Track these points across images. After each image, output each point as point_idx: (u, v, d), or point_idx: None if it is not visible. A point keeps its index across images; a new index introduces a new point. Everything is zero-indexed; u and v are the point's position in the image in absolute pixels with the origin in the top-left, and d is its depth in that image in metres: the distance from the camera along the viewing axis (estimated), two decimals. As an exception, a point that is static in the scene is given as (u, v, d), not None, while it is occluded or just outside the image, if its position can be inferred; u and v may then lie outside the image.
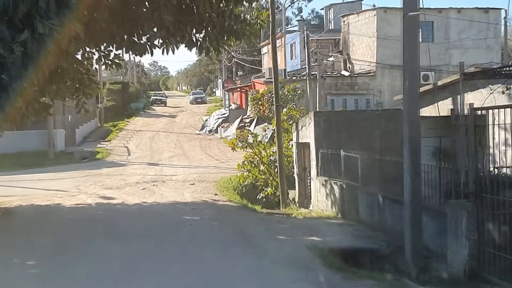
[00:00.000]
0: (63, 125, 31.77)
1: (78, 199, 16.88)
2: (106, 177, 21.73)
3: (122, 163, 26.55)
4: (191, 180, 20.24)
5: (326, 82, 32.24)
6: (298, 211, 16.26)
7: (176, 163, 25.91)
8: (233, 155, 27.86)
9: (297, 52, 43.38)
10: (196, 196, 16.88)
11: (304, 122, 16.24)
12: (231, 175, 21.08)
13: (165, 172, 22.97)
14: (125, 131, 43.13)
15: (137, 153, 30.51)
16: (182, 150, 31.18)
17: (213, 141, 35.41)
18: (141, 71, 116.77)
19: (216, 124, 40.61)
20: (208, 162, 26.13)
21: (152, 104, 71.37)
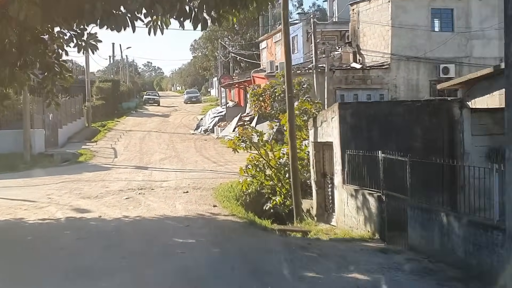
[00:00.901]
0: (43, 124, 28.50)
1: (46, 212, 13.73)
2: (85, 183, 18.51)
3: (107, 167, 23.32)
4: (184, 187, 17.07)
5: (335, 75, 29.16)
6: (317, 227, 13.16)
7: (168, 167, 22.71)
8: (232, 157, 24.68)
9: (299, 46, 40.25)
10: (191, 208, 13.69)
11: (324, 116, 13.10)
12: (231, 181, 17.95)
13: (155, 177, 19.79)
14: (114, 131, 39.89)
15: (125, 155, 27.28)
16: (175, 152, 27.98)
17: (209, 142, 32.22)
18: (134, 71, 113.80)
19: (212, 123, 37.44)
20: (204, 165, 22.94)
21: (144, 104, 68.35)
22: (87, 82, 41.97)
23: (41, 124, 28.09)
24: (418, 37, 29.14)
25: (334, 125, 12.42)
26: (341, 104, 12.38)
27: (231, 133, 30.90)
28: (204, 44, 66.25)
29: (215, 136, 34.55)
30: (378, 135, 12.22)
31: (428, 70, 29.51)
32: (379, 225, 10.71)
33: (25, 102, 25.11)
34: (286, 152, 15.85)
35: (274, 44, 46.25)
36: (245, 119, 31.62)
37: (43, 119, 28.52)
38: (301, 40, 40.16)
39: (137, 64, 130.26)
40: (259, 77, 32.54)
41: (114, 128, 41.55)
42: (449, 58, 29.31)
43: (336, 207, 12.64)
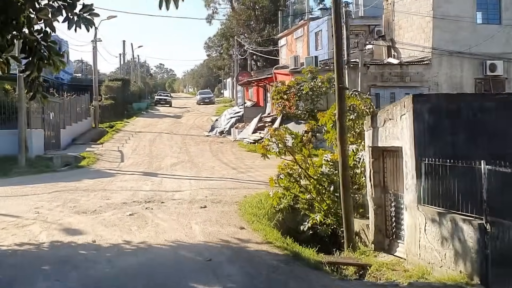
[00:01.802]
0: (43, 124, 25.62)
1: (28, 232, 10.82)
2: (83, 193, 15.52)
3: (111, 173, 20.33)
4: (201, 200, 14.01)
5: (370, 71, 26.03)
6: (377, 259, 10.04)
7: (181, 173, 19.67)
8: (254, 162, 21.71)
9: (323, 41, 37.10)
10: (211, 230, 10.63)
11: (389, 113, 9.96)
12: (257, 193, 14.89)
13: (166, 186, 16.76)
14: (123, 132, 37.04)
15: (132, 159, 24.30)
16: (188, 156, 24.96)
17: (226, 145, 29.18)
18: (146, 71, 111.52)
19: (228, 124, 34.43)
20: (223, 171, 19.87)
21: (156, 104, 65.72)
22: (94, 79, 39.19)
23: (40, 124, 25.21)
24: (462, 29, 25.91)
25: (405, 124, 9.30)
26: (416, 96, 9.28)
27: (250, 136, 27.91)
28: (219, 42, 63.27)
29: (232, 138, 31.55)
30: (464, 138, 9.10)
31: (473, 67, 26.29)
32: (479, 265, 7.59)
33: (21, 97, 22.20)
34: (330, 159, 12.73)
35: (294, 40, 43.23)
36: (266, 120, 28.56)
37: (42, 118, 25.63)
38: (325, 35, 37.04)
39: (149, 65, 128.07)
40: (282, 73, 29.49)
41: (123, 129, 38.71)
42: (496, 54, 26.08)
43: (406, 234, 9.50)
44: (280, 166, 13.74)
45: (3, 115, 24.88)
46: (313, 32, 39.28)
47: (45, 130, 25.61)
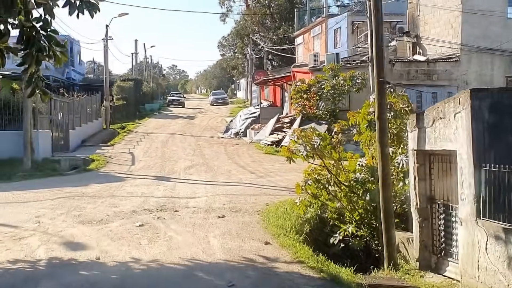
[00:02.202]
0: (50, 125, 24.46)
1: (25, 246, 9.59)
2: (89, 200, 14.26)
3: (120, 176, 19.09)
4: (219, 208, 12.69)
5: (395, 69, 24.59)
6: (424, 279, 8.65)
7: (195, 178, 18.36)
8: (274, 166, 20.39)
9: (342, 39, 35.68)
10: (232, 245, 9.29)
11: (440, 111, 8.56)
12: (279, 200, 13.54)
13: (179, 192, 15.44)
14: (134, 133, 35.89)
15: (144, 162, 23.06)
16: (202, 158, 23.67)
17: (242, 147, 27.86)
18: (158, 72, 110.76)
19: (243, 125, 33.11)
20: (240, 176, 18.54)
21: (168, 105, 64.73)
22: (105, 79, 38.06)
23: (47, 125, 24.03)
24: (492, 24, 24.37)
25: (460, 124, 7.90)
26: (474, 90, 7.91)
27: (268, 137, 26.57)
28: (233, 41, 62.04)
29: (247, 140, 30.23)
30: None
31: (504, 64, 24.77)
32: None
33: (26, 95, 21.03)
34: (365, 164, 11.32)
35: (312, 38, 41.86)
36: (284, 120, 27.18)
37: (50, 118, 24.46)
38: (345, 32, 35.67)
39: (162, 66, 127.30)
40: (301, 72, 28.12)
41: (135, 131, 37.57)
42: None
43: (461, 252, 8.09)
44: (306, 171, 12.36)
45: (9, 116, 23.70)
46: (332, 29, 37.88)
47: (52, 131, 24.45)
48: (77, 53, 66.86)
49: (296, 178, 17.58)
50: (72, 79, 57.53)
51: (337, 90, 23.49)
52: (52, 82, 43.98)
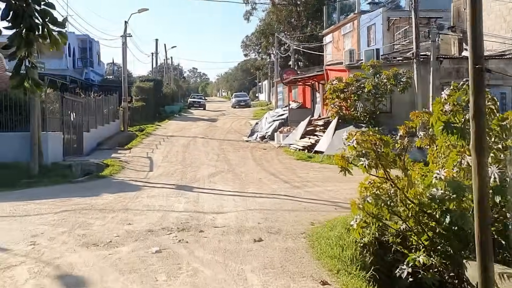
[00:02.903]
0: (62, 127, 22.41)
1: (8, 280, 7.52)
2: (98, 214, 12.03)
3: (136, 185, 16.87)
4: (253, 227, 10.34)
5: (443, 67, 22.03)
6: None
7: (221, 187, 16.03)
8: (309, 174, 18.05)
9: (377, 36, 33.14)
10: (278, 286, 6.94)
11: None
12: (326, 218, 11.17)
13: (204, 204, 13.13)
14: (153, 136, 33.78)
15: (163, 168, 20.82)
16: (228, 164, 21.36)
17: (270, 151, 25.50)
18: (179, 74, 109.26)
19: (270, 128, 30.75)
20: (273, 186, 16.15)
21: (189, 107, 62.78)
22: (123, 78, 36.03)
23: (58, 126, 21.98)
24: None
25: None
26: None
27: (298, 141, 24.20)
28: (257, 40, 59.65)
29: (275, 144, 27.87)
30: None
31: None
32: None
33: (33, 93, 18.97)
34: (444, 177, 8.84)
35: (342, 36, 39.38)
36: (316, 123, 24.75)
37: (62, 119, 22.40)
38: (380, 29, 33.15)
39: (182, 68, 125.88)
40: (336, 70, 25.68)
41: (154, 133, 35.48)
42: None
43: None
44: (363, 185, 9.94)
45: (19, 116, 21.66)
46: (365, 26, 35.37)
47: (64, 133, 22.40)
48: (97, 53, 65.25)
49: (338, 189, 15.21)
50: (91, 80, 55.89)
51: (380, 89, 21.02)
52: (69, 82, 42.22)
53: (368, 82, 21.10)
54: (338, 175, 17.21)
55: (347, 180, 16.91)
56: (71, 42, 57.64)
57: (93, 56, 62.90)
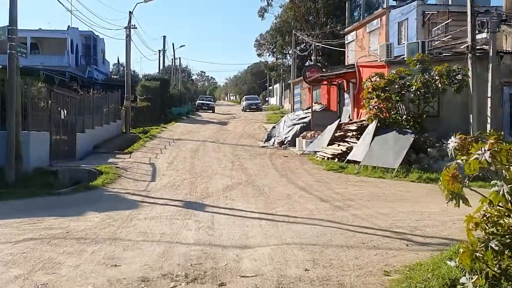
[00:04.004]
0: (50, 125, 18.99)
1: None
2: (74, 246, 8.55)
3: (133, 200, 13.36)
4: (299, 278, 6.81)
5: (504, 63, 18.49)
6: None
7: (241, 205, 12.47)
8: (347, 189, 14.55)
9: (409, 32, 29.58)
10: None
11: None
12: (400, 261, 7.65)
13: (221, 232, 9.58)
14: (158, 139, 30.34)
15: (168, 177, 17.33)
16: (245, 174, 17.83)
17: (292, 159, 21.96)
18: (187, 76, 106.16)
19: (291, 133, 27.24)
20: (308, 204, 12.54)
21: (197, 110, 59.48)
22: (126, 74, 32.63)
23: (45, 125, 18.57)
24: None
25: None
26: None
27: (326, 148, 20.67)
28: (272, 38, 56.06)
29: (297, 151, 24.37)
30: None
31: None
32: None
33: (11, 86, 15.55)
34: None
35: (367, 34, 35.83)
36: (348, 128, 21.18)
37: (49, 116, 18.99)
38: (413, 25, 29.60)
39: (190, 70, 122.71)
40: (371, 66, 22.13)
41: (159, 136, 32.03)
42: None
43: None
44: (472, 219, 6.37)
45: (2, 112, 18.30)
46: (395, 22, 31.80)
47: (52, 134, 18.96)
48: (101, 51, 62.04)
49: (394, 212, 11.66)
50: (94, 78, 52.71)
51: (430, 89, 17.46)
52: (68, 78, 38.88)
53: (416, 80, 17.55)
54: (385, 192, 13.40)
55: (400, 199, 13.39)
56: (74, 38, 54.48)
57: (97, 54, 59.66)
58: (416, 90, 17.54)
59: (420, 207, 12.18)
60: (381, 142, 17.89)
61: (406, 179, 16.47)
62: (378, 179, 16.68)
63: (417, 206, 12.35)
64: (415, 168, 17.18)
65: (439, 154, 17.53)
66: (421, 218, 10.97)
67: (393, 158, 17.18)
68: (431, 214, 11.33)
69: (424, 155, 17.72)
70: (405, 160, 17.21)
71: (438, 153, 17.56)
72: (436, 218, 10.94)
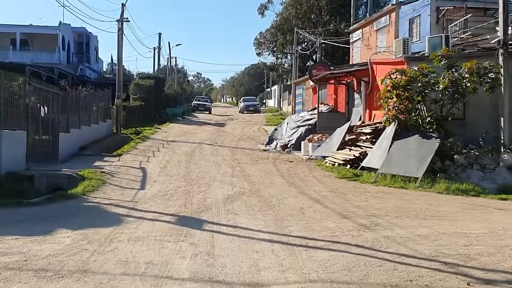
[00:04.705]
0: (26, 124, 16.85)
1: None
2: (30, 280, 6.42)
3: (116, 214, 11.19)
4: None
5: (542, 60, 16.39)
6: None
7: (246, 222, 10.30)
8: (368, 201, 12.44)
9: (422, 30, 27.55)
10: None
11: None
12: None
13: (224, 262, 7.44)
14: (151, 141, 28.20)
15: (159, 184, 15.18)
16: (248, 182, 15.68)
17: (299, 165, 19.83)
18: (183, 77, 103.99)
19: (295, 135, 25.13)
20: (326, 222, 10.34)
21: (193, 111, 57.43)
22: (118, 70, 30.46)
23: (22, 122, 16.41)
24: None
25: None
26: None
27: (336, 153, 18.60)
28: (273, 37, 53.86)
29: (302, 155, 22.27)
30: None
31: None
32: None
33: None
34: None
35: (374, 32, 33.84)
36: (361, 131, 19.08)
37: (27, 112, 16.84)
38: (427, 22, 27.63)
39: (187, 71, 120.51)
40: (387, 63, 20.04)
41: (152, 137, 29.89)
42: None
43: None
44: None
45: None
46: (406, 19, 29.81)
47: (29, 133, 16.80)
48: (94, 49, 59.86)
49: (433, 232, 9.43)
50: (86, 76, 50.48)
51: (459, 88, 15.40)
52: (57, 75, 36.62)
53: (443, 77, 15.48)
54: (413, 206, 11.26)
55: (434, 216, 11.34)
56: (66, 34, 52.31)
57: (90, 51, 57.48)
58: (443, 89, 15.46)
59: (461, 227, 10.10)
60: (402, 147, 15.83)
61: (431, 190, 14.40)
62: (400, 189, 14.61)
63: (456, 225, 10.27)
64: (440, 177, 15.13)
65: (467, 162, 15.48)
66: (469, 242, 8.87)
67: (416, 165, 15.11)
68: (478, 237, 9.25)
69: (450, 163, 15.66)
70: (429, 168, 15.15)
71: (466, 160, 15.52)
72: (487, 242, 8.87)
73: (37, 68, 33.50)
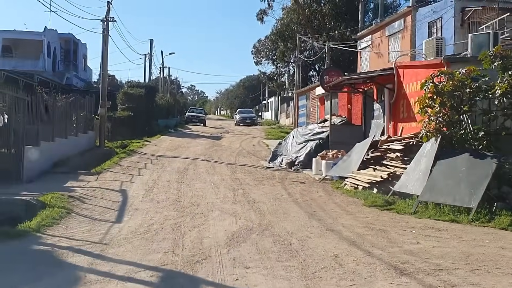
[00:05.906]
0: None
1: None
2: None
3: (75, 266, 7.86)
4: None
5: None
6: None
7: (262, 281, 7.03)
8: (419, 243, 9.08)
9: (445, 35, 24.43)
10: None
11: None
12: None
13: None
14: (138, 155, 24.90)
15: (142, 215, 11.83)
16: (255, 212, 12.33)
17: (314, 187, 16.53)
18: (176, 88, 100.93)
19: (303, 151, 21.87)
20: (378, 282, 7.12)
21: (187, 122, 54.32)
22: (102, 76, 27.16)
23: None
24: None
25: None
26: None
27: (357, 174, 15.36)
28: (272, 45, 50.63)
29: (314, 174, 19.05)
30: None
31: None
32: None
33: None
34: None
35: (386, 38, 30.84)
36: (389, 147, 15.81)
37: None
38: (450, 24, 24.60)
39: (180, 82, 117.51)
40: (419, 66, 16.84)
41: (140, 151, 26.59)
42: None
43: None
44: None
45: None
46: (424, 22, 26.79)
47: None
48: (82, 57, 56.64)
49: None
50: (73, 85, 47.23)
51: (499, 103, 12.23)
52: (37, 82, 33.31)
53: (502, 81, 12.30)
54: (482, 251, 7.41)
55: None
56: (52, 41, 49.03)
57: (78, 59, 54.19)
58: (501, 96, 12.27)
59: None
60: (448, 168, 12.61)
61: (491, 225, 11.17)
62: (451, 224, 11.37)
63: None
64: (498, 207, 11.90)
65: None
66: None
67: (468, 192, 11.89)
68: None
69: (510, 189, 12.43)
70: (484, 196, 11.92)
71: None
72: None
73: (14, 74, 30.29)
